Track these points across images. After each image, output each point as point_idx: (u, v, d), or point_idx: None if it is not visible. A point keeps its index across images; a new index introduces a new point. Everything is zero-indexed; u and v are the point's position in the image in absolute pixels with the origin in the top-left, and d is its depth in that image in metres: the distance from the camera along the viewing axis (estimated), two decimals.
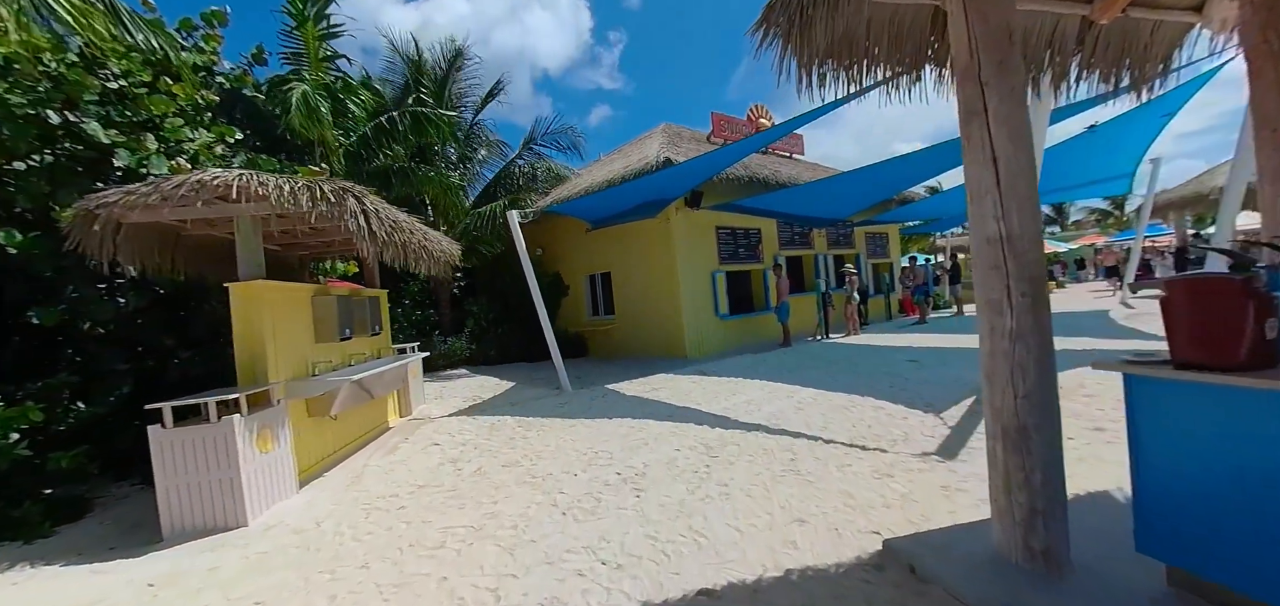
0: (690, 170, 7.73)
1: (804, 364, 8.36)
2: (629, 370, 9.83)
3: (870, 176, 8.82)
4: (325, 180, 4.48)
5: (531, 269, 7.91)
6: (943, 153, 8.10)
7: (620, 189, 8.25)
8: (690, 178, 8.12)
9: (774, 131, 6.97)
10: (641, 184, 8.17)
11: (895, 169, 8.60)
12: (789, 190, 10.09)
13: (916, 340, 10.00)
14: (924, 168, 8.91)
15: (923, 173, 9.76)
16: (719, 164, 7.74)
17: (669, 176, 8.00)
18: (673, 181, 8.22)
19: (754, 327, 11.95)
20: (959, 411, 4.90)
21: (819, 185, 9.42)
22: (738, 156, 7.61)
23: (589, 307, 13.31)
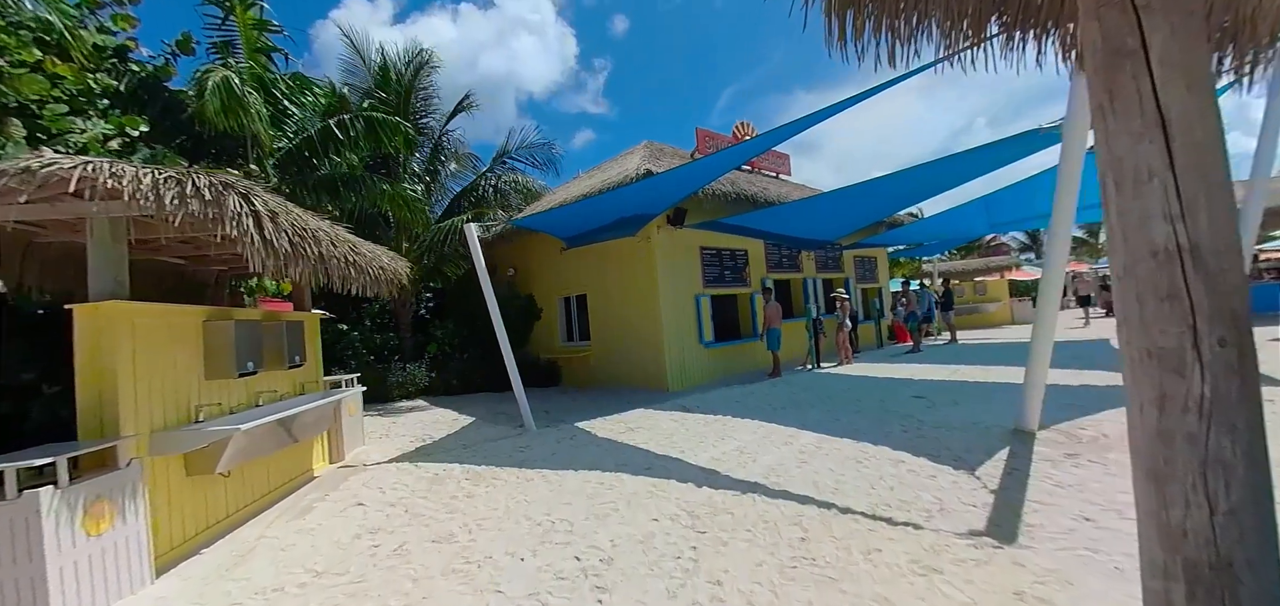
0: (672, 182, 6.92)
1: (799, 399, 7.49)
2: (604, 403, 8.85)
3: (863, 195, 8.12)
4: (211, 175, 3.50)
5: (490, 288, 6.96)
6: (938, 169, 7.44)
7: (596, 202, 7.39)
8: (672, 191, 7.30)
9: (766, 138, 6.21)
10: (619, 198, 7.32)
11: (890, 186, 7.90)
12: (777, 208, 9.36)
13: (915, 371, 9.24)
14: (919, 185, 8.23)
15: (917, 190, 9.11)
16: (703, 176, 6.94)
17: (649, 190, 7.17)
18: (653, 196, 7.39)
19: (741, 356, 11.09)
20: (995, 467, 4.05)
21: (808, 203, 8.69)
22: (723, 167, 6.86)
23: (563, 332, 12.33)
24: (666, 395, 9.13)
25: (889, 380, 8.58)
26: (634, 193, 7.25)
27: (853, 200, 8.24)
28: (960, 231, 13.93)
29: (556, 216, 7.96)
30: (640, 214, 8.18)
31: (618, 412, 7.75)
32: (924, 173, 7.18)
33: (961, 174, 7.79)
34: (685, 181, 7.03)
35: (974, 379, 8.01)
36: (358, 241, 5.30)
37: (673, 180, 6.87)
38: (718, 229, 9.62)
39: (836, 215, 9.21)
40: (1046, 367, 4.68)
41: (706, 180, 7.40)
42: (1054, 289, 4.59)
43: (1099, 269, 32.88)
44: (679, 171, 6.52)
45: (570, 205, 7.92)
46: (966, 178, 8.11)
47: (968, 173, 7.76)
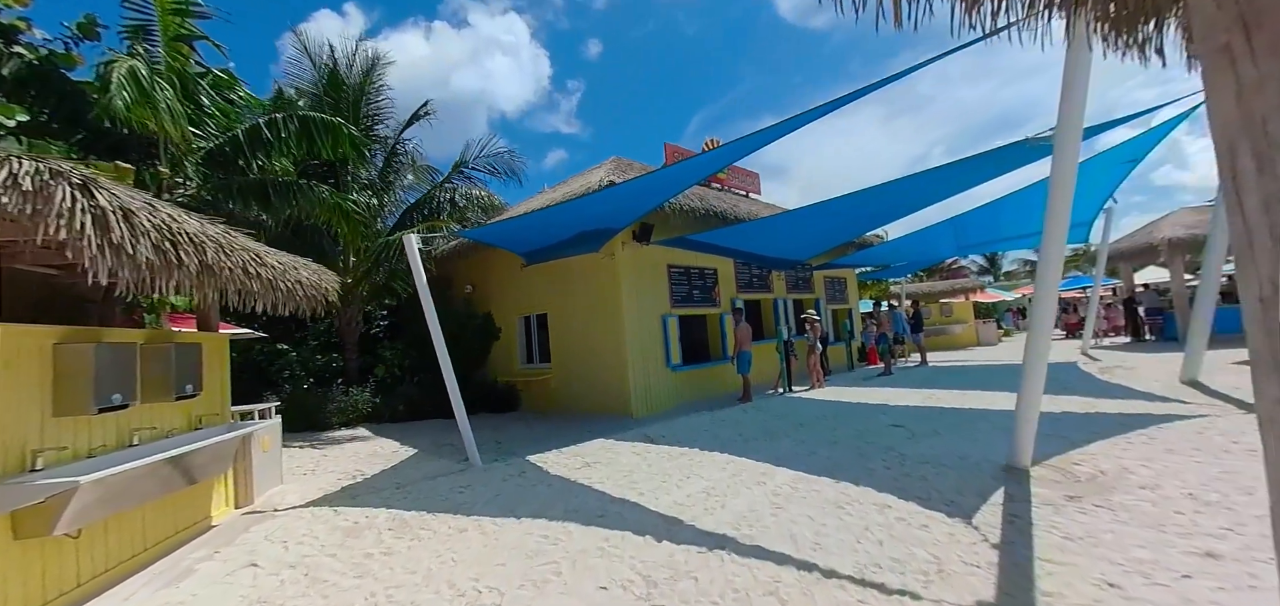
0: (636, 193, 6.40)
1: (772, 427, 6.99)
2: (562, 432, 8.17)
3: (837, 211, 7.76)
4: (43, 161, 2.77)
5: (430, 303, 6.27)
6: (915, 185, 7.15)
7: (555, 214, 6.78)
8: (637, 203, 6.78)
9: (735, 146, 5.74)
10: (580, 210, 6.74)
11: (866, 203, 7.58)
12: (747, 225, 8.95)
13: (890, 395, 8.88)
14: (896, 201, 7.92)
15: (893, 207, 8.81)
16: (669, 186, 6.45)
17: (612, 201, 6.63)
18: (617, 208, 6.86)
19: (710, 380, 10.58)
20: (993, 514, 3.58)
21: (781, 219, 8.31)
22: (691, 177, 6.39)
23: (523, 354, 11.60)
24: (630, 422, 8.51)
25: (864, 406, 8.17)
26: (596, 204, 6.69)
27: (826, 216, 7.88)
28: (928, 253, 13.88)
29: (511, 229, 7.33)
30: (603, 228, 7.63)
31: (576, 443, 7.09)
32: (901, 188, 6.88)
33: (940, 190, 7.54)
34: (651, 192, 6.53)
35: (951, 405, 7.67)
36: (266, 251, 4.57)
37: (637, 190, 6.36)
38: (686, 246, 9.14)
39: (809, 232, 8.86)
40: (1039, 400, 4.28)
41: (673, 191, 6.92)
42: (1047, 312, 4.22)
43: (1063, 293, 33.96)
44: (643, 181, 6.01)
45: (526, 216, 7.29)
46: (943, 194, 7.86)
47: (946, 189, 7.50)
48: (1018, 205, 10.52)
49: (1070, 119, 3.88)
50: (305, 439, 9.10)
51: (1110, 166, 9.40)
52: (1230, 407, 6.05)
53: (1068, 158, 3.98)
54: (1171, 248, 13.39)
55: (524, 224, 7.08)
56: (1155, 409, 6.22)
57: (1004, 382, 9.18)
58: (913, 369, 12.97)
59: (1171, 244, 13.32)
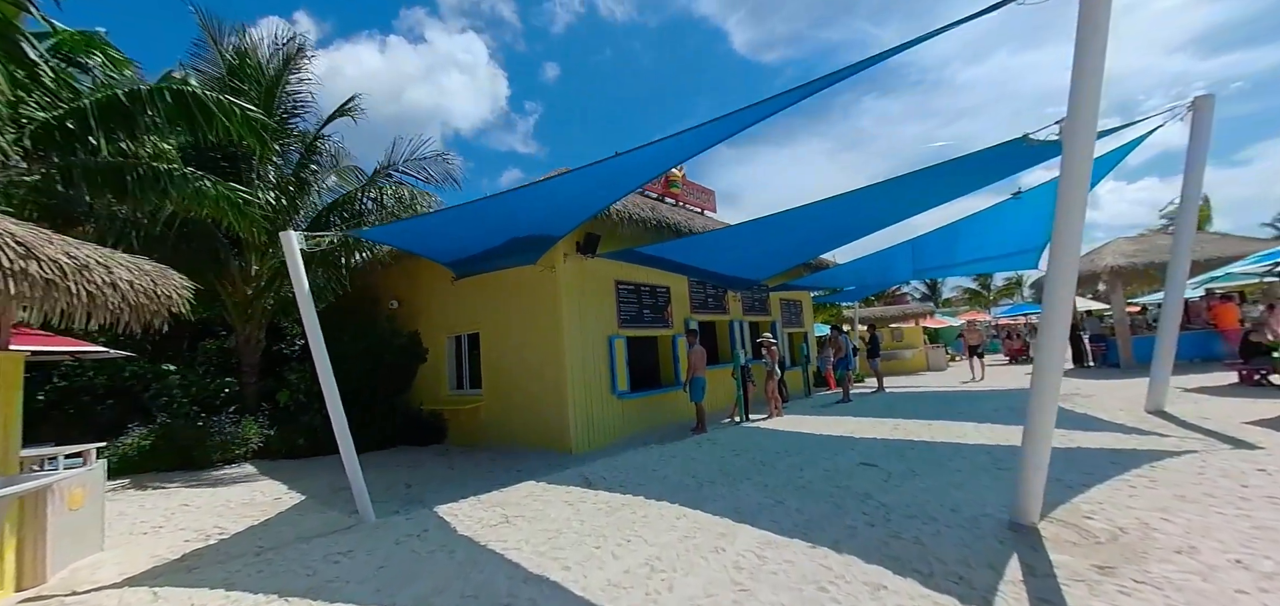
0: (578, 189, 5.44)
1: (730, 467, 6.10)
2: (487, 471, 7.03)
3: (806, 221, 7.07)
4: None
5: (311, 312, 5.08)
6: (893, 191, 6.56)
7: (485, 211, 5.67)
8: (579, 202, 5.84)
9: (696, 132, 4.88)
10: (512, 209, 5.71)
11: (837, 211, 6.89)
12: (703, 236, 8.14)
13: (853, 426, 8.21)
14: (873, 209, 7.27)
15: (870, 216, 8.17)
16: (616, 182, 5.53)
17: (549, 200, 5.64)
18: (556, 208, 5.88)
19: (661, 408, 9.65)
20: (1017, 597, 2.77)
21: (741, 230, 7.52)
22: (641, 173, 5.50)
23: (453, 378, 10.32)
24: (568, 458, 7.44)
25: (828, 439, 7.43)
26: (530, 203, 5.68)
27: (791, 228, 7.17)
28: (884, 276, 13.58)
29: (428, 230, 6.14)
30: (540, 235, 6.63)
31: (501, 486, 5.97)
32: (875, 196, 6.23)
33: (919, 199, 6.94)
34: (594, 191, 5.59)
35: (919, 437, 7.03)
36: (51, 236, 3.32)
37: (577, 187, 5.40)
38: (634, 260, 8.26)
39: (768, 247, 8.15)
40: (1049, 446, 3.57)
41: (620, 190, 5.98)
42: (1057, 339, 3.52)
43: (996, 318, 35.24)
44: (584, 175, 5.06)
45: (445, 214, 6.13)
46: (922, 205, 7.29)
47: (925, 198, 6.92)
48: (976, 227, 10.29)
49: (1085, 90, 3.21)
50: (174, 480, 7.52)
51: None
52: (1212, 441, 5.63)
53: (1081, 144, 3.32)
54: (1113, 275, 13.64)
55: (444, 224, 5.94)
56: (1138, 444, 5.73)
57: (967, 412, 8.71)
58: (870, 395, 12.51)
59: (1113, 272, 13.56)
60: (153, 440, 8.12)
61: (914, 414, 9.07)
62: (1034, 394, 3.55)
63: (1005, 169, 6.08)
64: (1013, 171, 6.33)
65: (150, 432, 8.23)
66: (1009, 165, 5.95)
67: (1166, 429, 6.37)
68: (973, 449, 6.12)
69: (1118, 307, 13.99)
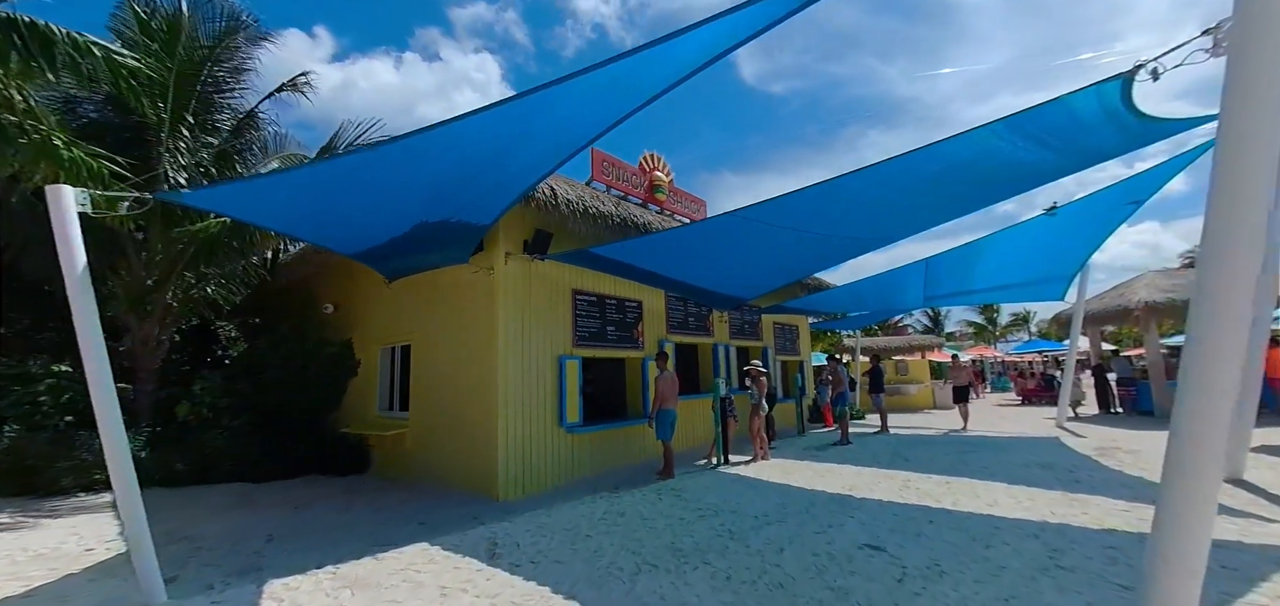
0: (496, 139, 3.89)
1: (685, 540, 4.55)
2: (384, 522, 5.49)
3: (803, 212, 5.56)
4: None
5: (86, 293, 3.51)
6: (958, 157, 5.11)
7: (358, 172, 4.06)
8: (501, 166, 4.34)
9: (665, 42, 3.40)
10: (403, 173, 4.15)
11: (869, 193, 5.39)
12: (680, 231, 6.55)
13: (852, 480, 6.65)
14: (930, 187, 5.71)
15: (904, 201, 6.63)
16: (574, 118, 3.94)
17: (460, 157, 4.07)
18: (473, 176, 4.36)
19: (622, 444, 8.10)
20: None
21: (716, 227, 5.98)
22: (595, 114, 3.97)
23: (383, 397, 8.79)
24: (491, 508, 5.90)
25: (821, 498, 5.88)
26: (435, 165, 4.13)
27: (790, 220, 5.65)
28: (892, 301, 12.12)
29: (277, 196, 4.17)
30: (460, 221, 5.15)
31: (384, 547, 4.44)
32: (901, 174, 4.71)
33: (957, 192, 5.35)
34: (518, 144, 4.07)
35: (938, 500, 5.49)
36: None
37: (497, 137, 3.87)
38: (597, 266, 6.81)
39: (756, 255, 6.68)
40: (1208, 539, 2.06)
41: (558, 144, 4.31)
42: (1220, 374, 2.03)
43: (1003, 354, 33.61)
44: (521, 104, 3.46)
45: (295, 173, 4.36)
46: (951, 211, 5.78)
47: (964, 191, 5.32)
48: (999, 248, 8.84)
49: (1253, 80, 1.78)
50: (5, 509, 5.97)
51: (1108, 206, 7.79)
52: None
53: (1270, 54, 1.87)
54: (1147, 312, 12.15)
55: (307, 190, 4.19)
56: (1245, 531, 4.20)
57: (992, 466, 7.16)
58: (872, 436, 10.93)
59: (1147, 308, 12.07)
60: None
61: (927, 465, 7.51)
62: (1179, 458, 2.05)
63: (1086, 142, 4.54)
64: (1097, 148, 4.76)
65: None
66: (1093, 135, 4.41)
67: (1265, 507, 4.85)
68: (1014, 527, 4.58)
69: (1152, 347, 12.47)
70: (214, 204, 4.78)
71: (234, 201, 4.05)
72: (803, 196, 4.90)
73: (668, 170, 11.27)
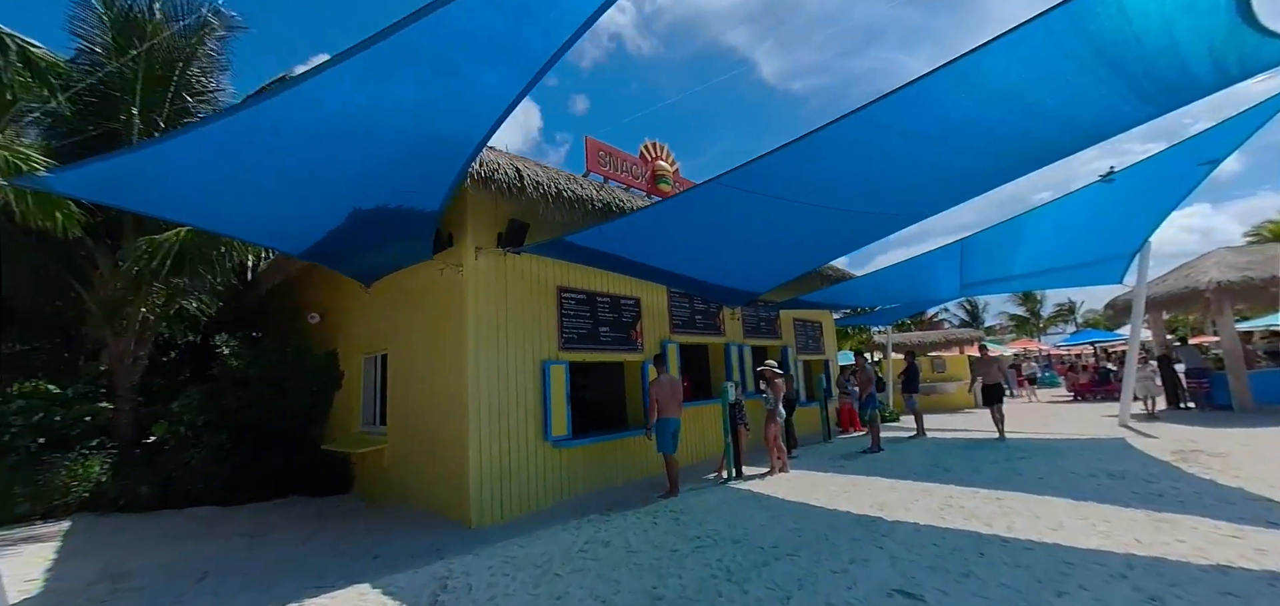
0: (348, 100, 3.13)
1: (672, 584, 3.72)
2: (341, 554, 4.82)
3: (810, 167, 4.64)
4: None
5: None
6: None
7: (256, 143, 3.29)
8: (421, 116, 3.57)
9: None
10: (310, 144, 3.39)
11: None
12: (671, 205, 5.48)
13: (883, 496, 5.69)
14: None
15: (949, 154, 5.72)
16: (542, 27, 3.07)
17: (376, 109, 3.27)
18: (400, 134, 3.59)
19: (621, 458, 7.28)
20: None
21: (727, 191, 4.98)
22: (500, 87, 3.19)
23: (367, 410, 8.18)
24: (460, 537, 5.16)
25: (844, 520, 4.96)
26: (331, 138, 3.40)
27: (801, 182, 4.71)
28: (923, 290, 10.96)
29: (158, 162, 3.26)
30: (408, 209, 4.45)
31: (320, 589, 3.76)
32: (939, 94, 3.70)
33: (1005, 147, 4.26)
34: (443, 94, 3.32)
35: (988, 525, 4.51)
36: None
37: (417, 86, 3.13)
38: (568, 255, 6.02)
39: (760, 237, 5.80)
40: None
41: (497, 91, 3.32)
42: None
43: (1048, 347, 31.57)
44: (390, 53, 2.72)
45: (174, 141, 3.33)
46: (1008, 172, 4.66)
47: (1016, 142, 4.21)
48: (1046, 224, 7.69)
49: None
50: None
51: (1177, 168, 6.61)
52: None
53: None
54: (1219, 293, 10.72)
55: (198, 167, 3.37)
56: None
57: (1049, 477, 6.09)
58: (907, 442, 9.85)
59: (1219, 289, 10.64)
60: None
61: (971, 475, 6.48)
62: None
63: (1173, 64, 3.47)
64: (1187, 74, 3.66)
65: None
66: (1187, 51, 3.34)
67: None
68: (1091, 562, 3.60)
69: (1227, 333, 11.02)
70: (85, 190, 3.88)
71: (111, 184, 3.41)
72: (811, 152, 4.01)
73: (672, 159, 10.43)
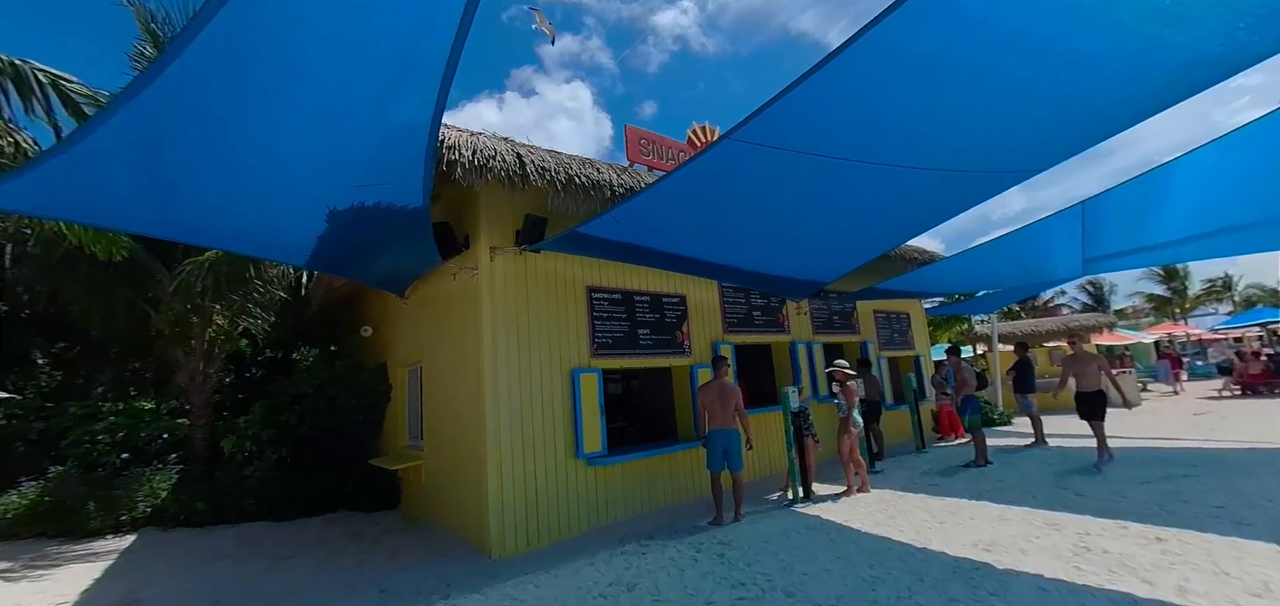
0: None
1: None
2: (343, 587, 4.44)
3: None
4: None
5: None
6: None
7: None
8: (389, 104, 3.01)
9: None
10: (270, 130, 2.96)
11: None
12: (692, 166, 4.30)
13: (992, 533, 4.46)
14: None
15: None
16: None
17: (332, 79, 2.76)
18: (361, 103, 3.05)
19: (668, 477, 6.47)
20: None
21: (760, 143, 3.93)
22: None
23: (413, 424, 7.98)
24: (480, 568, 4.61)
25: (937, 566, 3.85)
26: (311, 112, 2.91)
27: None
28: (1037, 270, 9.09)
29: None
30: (392, 205, 3.96)
31: None
32: None
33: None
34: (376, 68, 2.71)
35: (1147, 582, 3.24)
36: None
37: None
38: (588, 249, 5.31)
39: (839, 206, 4.74)
40: None
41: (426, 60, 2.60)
42: None
43: (1194, 332, 26.72)
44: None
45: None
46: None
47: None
48: (1201, 176, 5.83)
49: None
50: (18, 556, 5.83)
51: None
52: None
53: None
54: None
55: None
56: None
57: (1228, 501, 4.52)
58: (1022, 452, 8.22)
59: None
60: (29, 500, 6.64)
61: (1112, 502, 5.01)
62: None
63: None
64: None
65: (34, 491, 6.78)
66: None
67: None
68: None
69: None
70: (23, 203, 3.49)
71: (49, 194, 3.13)
72: (877, 73, 2.97)
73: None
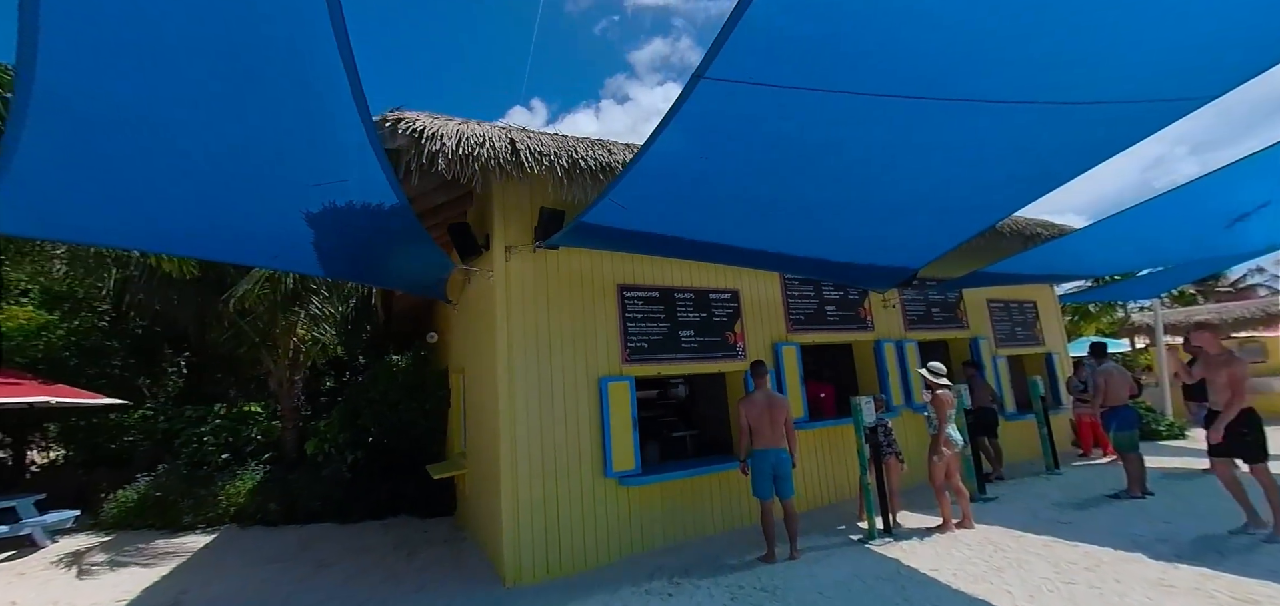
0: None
1: None
2: (357, 604, 4.24)
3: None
4: None
5: None
6: None
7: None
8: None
9: None
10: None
11: None
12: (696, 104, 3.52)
13: (1140, 591, 3.20)
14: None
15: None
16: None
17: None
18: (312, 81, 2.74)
19: (714, 499, 5.66)
20: None
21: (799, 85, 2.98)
22: None
23: (464, 432, 7.89)
24: (494, 598, 4.20)
25: None
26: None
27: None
28: (1216, 241, 6.86)
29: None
30: (368, 204, 3.63)
31: None
32: None
33: None
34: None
35: None
36: None
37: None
38: (587, 238, 4.66)
39: (932, 155, 3.63)
40: None
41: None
42: None
43: None
44: None
45: None
46: None
47: None
48: None
49: None
50: (127, 547, 6.46)
51: None
52: None
53: None
54: None
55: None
56: None
57: None
58: (1198, 479, 6.34)
59: None
60: (138, 495, 7.41)
61: None
62: None
63: None
64: None
65: (145, 486, 7.57)
66: None
67: None
68: None
69: None
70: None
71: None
72: None
73: None
